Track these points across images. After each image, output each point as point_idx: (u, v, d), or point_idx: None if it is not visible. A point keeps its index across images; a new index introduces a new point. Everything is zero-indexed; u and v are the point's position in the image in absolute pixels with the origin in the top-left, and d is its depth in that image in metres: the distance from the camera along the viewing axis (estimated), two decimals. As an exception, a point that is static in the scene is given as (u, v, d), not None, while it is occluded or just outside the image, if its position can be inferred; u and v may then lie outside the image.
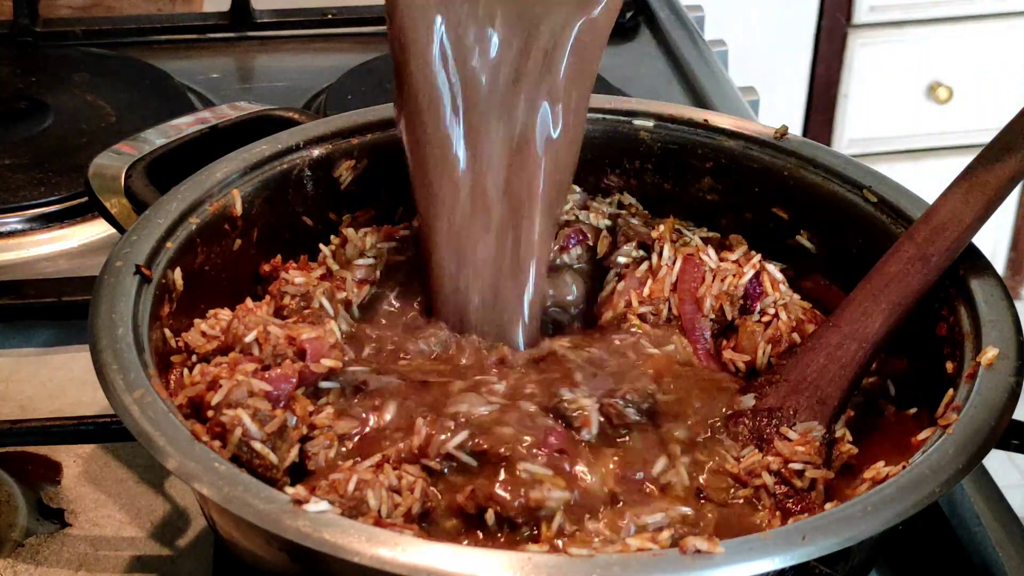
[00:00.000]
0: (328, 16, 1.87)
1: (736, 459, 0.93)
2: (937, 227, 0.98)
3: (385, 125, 1.19)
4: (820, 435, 0.94)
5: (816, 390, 0.96)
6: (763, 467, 0.92)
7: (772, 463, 0.92)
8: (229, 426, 0.88)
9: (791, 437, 0.94)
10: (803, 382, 0.97)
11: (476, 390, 0.96)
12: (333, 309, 1.04)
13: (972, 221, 0.97)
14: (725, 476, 0.93)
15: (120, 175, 1.13)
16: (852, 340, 0.97)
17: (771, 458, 0.93)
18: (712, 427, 0.96)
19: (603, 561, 0.76)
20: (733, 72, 1.83)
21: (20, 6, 1.79)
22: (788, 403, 0.96)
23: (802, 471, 0.91)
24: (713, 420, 0.96)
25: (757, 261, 1.07)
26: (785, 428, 0.95)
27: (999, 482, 1.09)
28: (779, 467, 0.92)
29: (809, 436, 0.94)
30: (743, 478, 0.92)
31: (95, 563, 1.01)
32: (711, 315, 1.06)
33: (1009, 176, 0.97)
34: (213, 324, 1.01)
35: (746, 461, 0.93)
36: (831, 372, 0.97)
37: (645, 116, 1.23)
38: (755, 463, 0.92)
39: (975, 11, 2.96)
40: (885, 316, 0.97)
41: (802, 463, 0.92)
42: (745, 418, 0.96)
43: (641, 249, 1.10)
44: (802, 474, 0.92)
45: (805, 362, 0.98)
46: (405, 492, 0.87)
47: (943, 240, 0.97)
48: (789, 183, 1.17)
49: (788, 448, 0.93)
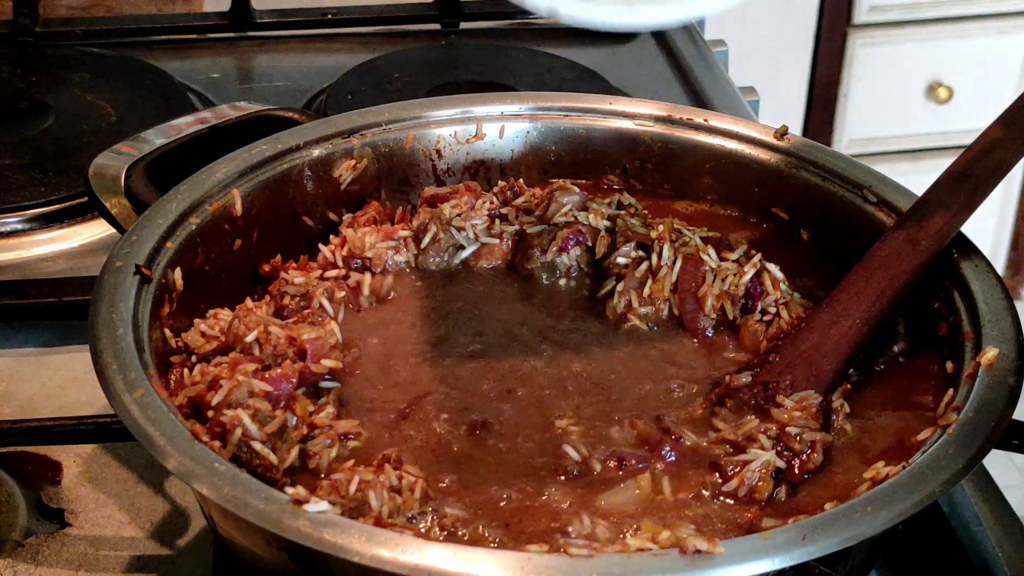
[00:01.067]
0: (328, 16, 1.87)
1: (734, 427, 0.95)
2: (925, 215, 1.02)
3: (385, 125, 1.20)
4: (817, 402, 0.96)
5: (811, 364, 0.99)
6: (761, 432, 0.93)
7: (770, 428, 0.94)
8: (229, 426, 0.88)
9: (787, 405, 0.95)
10: (798, 358, 0.99)
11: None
12: (333, 309, 1.04)
13: (959, 208, 1.01)
14: (723, 444, 0.94)
15: (120, 175, 1.13)
16: (846, 317, 1.00)
17: (769, 424, 0.94)
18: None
19: (603, 561, 0.76)
20: (733, 72, 1.83)
21: (20, 6, 1.79)
22: (784, 376, 0.98)
23: (800, 434, 0.93)
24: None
25: (758, 260, 1.08)
26: (781, 397, 0.96)
27: (999, 482, 1.09)
28: (777, 432, 0.93)
29: (805, 403, 0.95)
30: (741, 443, 0.93)
31: (95, 563, 1.01)
32: (712, 315, 1.06)
33: (994, 167, 1.02)
34: (213, 324, 1.01)
35: (744, 427, 0.94)
36: (826, 347, 0.99)
37: (645, 116, 1.23)
38: (753, 428, 0.94)
39: (975, 11, 2.96)
40: (877, 295, 1.00)
41: (798, 427, 0.93)
42: (742, 392, 0.98)
43: (640, 249, 1.10)
44: (800, 437, 0.93)
45: (800, 340, 1.00)
46: (406, 492, 0.87)
47: (931, 226, 1.01)
48: (789, 183, 1.17)
49: (785, 414, 0.94)
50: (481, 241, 1.14)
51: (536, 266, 1.11)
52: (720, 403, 0.98)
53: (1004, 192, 3.12)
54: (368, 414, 0.97)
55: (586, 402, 0.99)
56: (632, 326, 1.06)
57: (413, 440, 0.95)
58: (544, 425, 0.96)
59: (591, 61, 1.79)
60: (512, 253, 1.14)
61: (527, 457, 0.93)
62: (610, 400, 0.99)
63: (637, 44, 1.89)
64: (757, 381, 0.98)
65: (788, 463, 0.92)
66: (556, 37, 1.90)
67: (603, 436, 0.95)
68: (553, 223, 1.13)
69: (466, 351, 1.04)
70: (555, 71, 1.75)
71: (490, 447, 0.94)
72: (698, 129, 1.22)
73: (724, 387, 0.99)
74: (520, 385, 1.01)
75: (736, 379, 0.99)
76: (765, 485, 0.90)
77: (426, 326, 1.07)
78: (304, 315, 1.03)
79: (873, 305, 1.00)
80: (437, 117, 1.22)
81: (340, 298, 1.06)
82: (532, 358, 1.04)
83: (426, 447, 0.94)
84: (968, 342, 0.97)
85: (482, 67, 1.77)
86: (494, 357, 1.04)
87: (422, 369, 1.02)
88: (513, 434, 0.95)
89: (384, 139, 1.20)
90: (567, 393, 1.00)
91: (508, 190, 1.18)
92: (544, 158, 1.25)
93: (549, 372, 1.02)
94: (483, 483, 0.91)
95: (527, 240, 1.13)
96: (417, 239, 1.13)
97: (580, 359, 1.04)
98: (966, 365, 0.94)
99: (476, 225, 1.14)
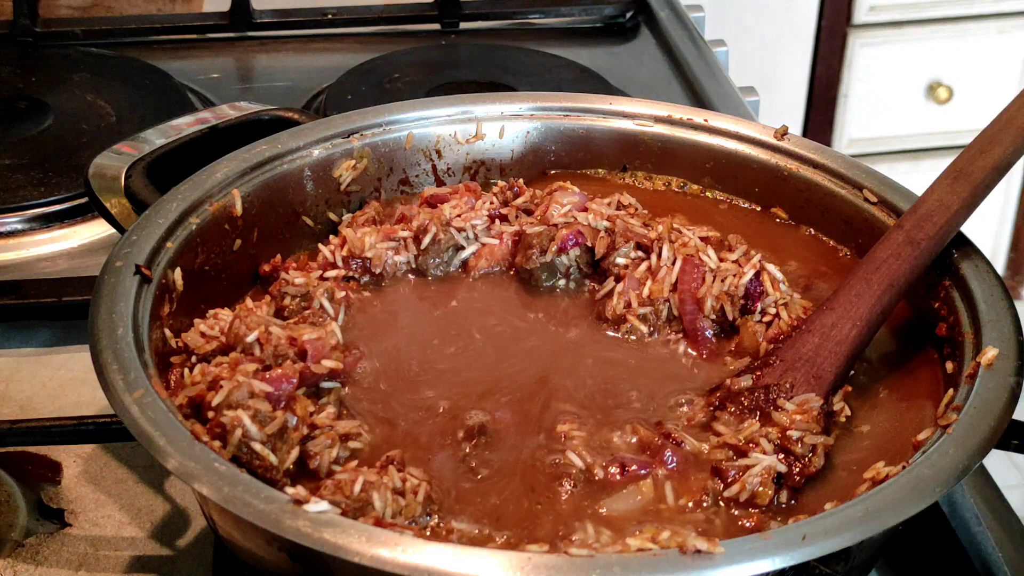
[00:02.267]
0: (328, 16, 1.87)
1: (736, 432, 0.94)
2: (925, 215, 1.02)
3: (385, 125, 1.20)
4: (818, 406, 0.95)
5: (812, 366, 0.98)
6: (762, 436, 0.93)
7: (771, 432, 0.93)
8: (229, 427, 0.88)
9: (788, 408, 0.95)
10: (798, 360, 0.99)
11: None
12: (334, 310, 1.04)
13: (959, 208, 1.01)
14: (724, 448, 0.93)
15: (120, 175, 1.13)
16: (846, 319, 1.00)
17: (769, 428, 0.94)
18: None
19: (603, 561, 0.76)
20: (733, 72, 1.83)
21: (20, 6, 1.79)
22: (784, 379, 0.98)
23: (801, 437, 0.92)
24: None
25: (757, 261, 1.07)
26: (782, 401, 0.96)
27: (999, 482, 1.09)
28: (778, 436, 0.93)
29: (807, 406, 0.95)
30: (743, 448, 0.93)
31: (95, 563, 1.01)
32: (712, 315, 1.06)
33: (993, 166, 1.02)
34: (212, 324, 1.01)
35: (745, 431, 0.94)
36: (826, 349, 0.99)
37: (645, 116, 1.23)
38: (754, 432, 0.93)
39: (975, 11, 2.96)
40: (877, 297, 1.00)
41: (800, 431, 0.93)
42: (743, 396, 0.97)
43: (640, 250, 1.10)
44: (801, 440, 0.92)
45: (800, 342, 1.00)
46: (409, 495, 0.87)
47: (931, 226, 1.01)
48: (789, 183, 1.17)
49: (786, 417, 0.94)
50: (481, 241, 1.13)
51: (536, 266, 1.11)
52: (721, 407, 0.98)
53: (1004, 192, 3.12)
54: (368, 415, 0.97)
55: (587, 406, 0.99)
56: (632, 327, 1.06)
57: (413, 441, 0.95)
58: (545, 430, 0.96)
59: (591, 61, 1.79)
60: (512, 253, 1.14)
61: (527, 462, 0.93)
62: (610, 404, 0.99)
63: (637, 44, 1.90)
64: (758, 384, 0.98)
65: (789, 467, 0.92)
66: (556, 37, 1.90)
67: (605, 441, 0.95)
68: (553, 223, 1.13)
69: (466, 352, 1.04)
70: (555, 71, 1.75)
71: (490, 452, 0.94)
72: (698, 129, 1.22)
73: (725, 391, 0.98)
74: (519, 388, 1.00)
75: (737, 382, 0.98)
76: (766, 490, 0.90)
77: (426, 327, 1.07)
78: (305, 315, 1.03)
79: (874, 307, 1.00)
80: (437, 117, 1.22)
81: (340, 298, 1.06)
82: (531, 360, 1.04)
83: (426, 450, 0.94)
84: (968, 342, 0.97)
85: (482, 67, 1.77)
86: (494, 358, 1.04)
87: (422, 370, 1.02)
88: (513, 439, 0.95)
89: (384, 139, 1.20)
90: (567, 396, 1.00)
91: (508, 190, 1.18)
92: (544, 158, 1.25)
93: (548, 374, 1.02)
94: (484, 489, 0.91)
95: (527, 240, 1.12)
96: (417, 240, 1.12)
97: (580, 361, 1.04)
98: (966, 365, 0.94)
99: (476, 225, 1.14)
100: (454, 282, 1.13)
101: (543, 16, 1.93)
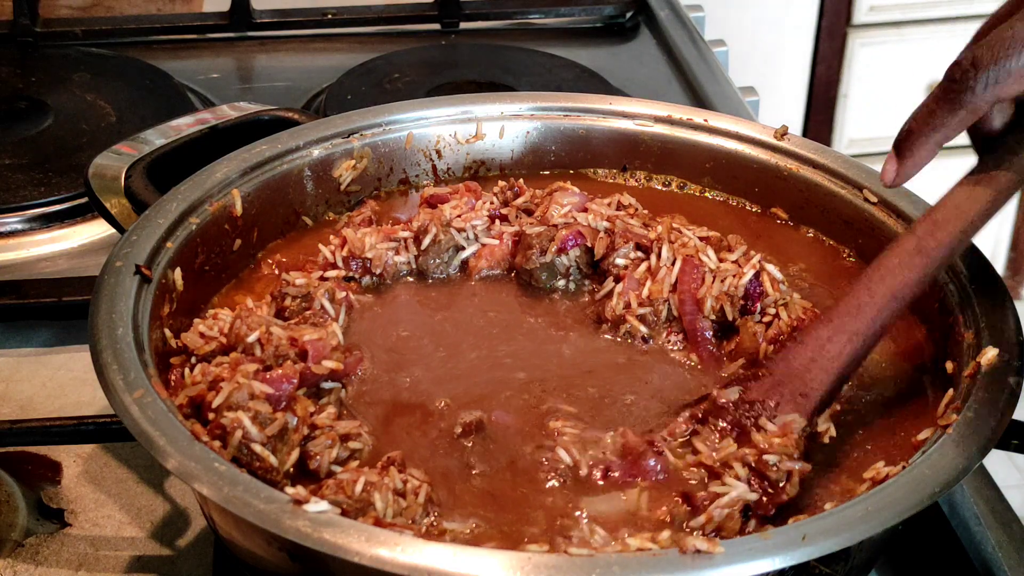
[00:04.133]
0: (328, 16, 1.88)
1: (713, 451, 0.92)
2: (939, 221, 0.96)
3: (385, 125, 1.20)
4: (800, 427, 0.92)
5: (800, 383, 0.95)
6: (737, 459, 0.90)
7: (748, 455, 0.91)
8: (229, 429, 0.88)
9: (769, 429, 0.92)
10: (788, 375, 0.96)
11: None
12: (334, 310, 1.04)
13: (975, 217, 0.95)
14: (699, 468, 0.92)
15: (120, 175, 1.13)
16: (842, 333, 0.96)
17: (747, 450, 0.91)
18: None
19: (603, 561, 0.76)
20: (733, 72, 1.83)
21: (20, 6, 1.79)
22: (770, 396, 0.95)
23: (778, 462, 0.90)
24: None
25: (757, 261, 1.07)
26: (764, 420, 0.93)
27: (999, 482, 1.09)
28: (755, 458, 0.90)
29: (789, 428, 0.92)
30: (717, 470, 0.90)
31: (95, 563, 1.01)
32: (712, 316, 1.06)
33: (1017, 177, 0.96)
34: (212, 324, 1.01)
35: (723, 452, 0.91)
36: (818, 365, 0.95)
37: (645, 116, 1.23)
38: (730, 455, 0.91)
39: (975, 11, 2.96)
40: (879, 309, 0.95)
41: (777, 455, 0.90)
42: (727, 411, 0.95)
43: (639, 250, 1.10)
44: (777, 466, 0.90)
45: (792, 355, 0.97)
46: (410, 496, 0.87)
47: (944, 234, 0.95)
48: (789, 183, 1.17)
49: (765, 440, 0.91)
50: (481, 242, 1.13)
51: (535, 267, 1.11)
52: (703, 421, 0.95)
53: (1004, 192, 3.11)
54: (369, 415, 0.97)
55: (581, 405, 0.99)
56: (631, 327, 1.06)
57: (413, 441, 0.95)
58: (538, 426, 0.96)
59: (591, 61, 1.79)
60: (512, 254, 1.14)
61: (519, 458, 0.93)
62: (604, 403, 0.99)
63: (637, 44, 1.90)
64: (743, 399, 0.95)
65: (761, 495, 0.89)
66: (556, 37, 1.90)
67: (594, 441, 0.94)
68: (553, 224, 1.13)
69: (465, 353, 1.04)
70: (555, 71, 1.75)
71: (487, 450, 0.94)
72: (698, 129, 1.22)
73: (711, 402, 0.95)
74: (517, 386, 1.00)
75: (723, 394, 0.95)
76: (733, 524, 0.87)
77: (426, 328, 1.07)
78: (305, 316, 1.03)
79: (874, 320, 0.95)
80: (437, 117, 1.23)
81: (341, 299, 1.06)
82: (530, 359, 1.04)
83: (425, 448, 0.94)
84: (968, 342, 0.96)
85: (482, 67, 1.77)
86: (493, 359, 1.04)
87: (422, 370, 1.02)
88: (510, 437, 0.95)
89: (384, 139, 1.20)
90: (563, 395, 1.00)
91: (508, 190, 1.18)
92: (544, 158, 1.25)
93: (546, 373, 1.02)
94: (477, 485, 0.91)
95: (527, 240, 1.12)
96: (417, 240, 1.12)
97: (578, 360, 1.04)
98: (966, 365, 0.94)
99: (476, 226, 1.14)
100: (454, 283, 1.13)
101: (543, 16, 1.93)
